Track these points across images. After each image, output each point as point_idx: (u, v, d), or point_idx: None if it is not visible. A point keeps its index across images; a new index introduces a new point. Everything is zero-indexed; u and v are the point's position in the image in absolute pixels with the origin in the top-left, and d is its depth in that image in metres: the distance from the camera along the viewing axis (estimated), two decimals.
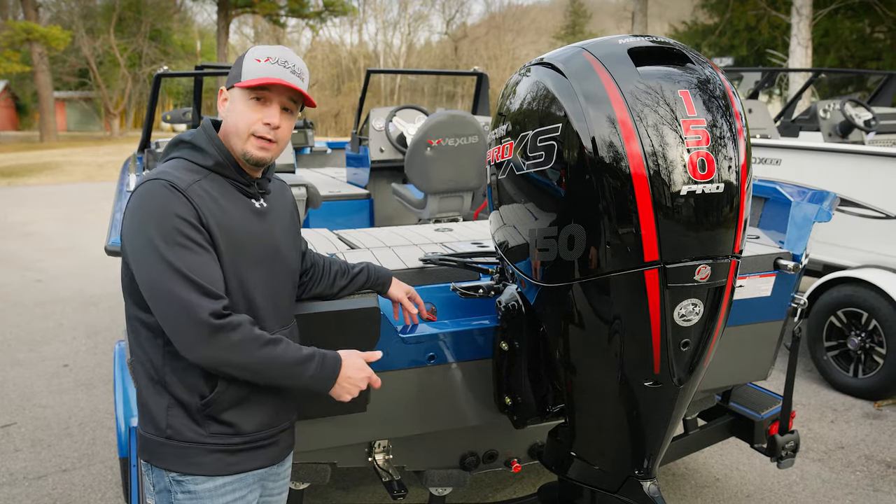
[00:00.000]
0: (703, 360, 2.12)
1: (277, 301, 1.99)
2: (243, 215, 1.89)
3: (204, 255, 1.76)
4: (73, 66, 38.35)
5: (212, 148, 1.90)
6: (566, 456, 2.34)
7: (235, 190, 1.91)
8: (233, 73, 1.92)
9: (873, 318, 4.99)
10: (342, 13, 40.37)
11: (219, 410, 1.86)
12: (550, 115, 2.06)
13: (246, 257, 1.87)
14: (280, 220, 2.03)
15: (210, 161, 1.89)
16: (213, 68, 6.35)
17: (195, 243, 1.75)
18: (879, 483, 3.96)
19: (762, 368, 3.23)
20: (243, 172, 1.92)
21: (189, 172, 1.85)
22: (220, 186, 1.88)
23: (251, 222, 1.91)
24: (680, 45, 2.10)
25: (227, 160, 1.90)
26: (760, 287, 2.99)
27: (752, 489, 3.87)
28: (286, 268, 2.03)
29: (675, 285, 1.98)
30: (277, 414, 1.99)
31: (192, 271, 1.72)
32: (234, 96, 1.90)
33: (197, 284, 1.72)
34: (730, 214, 2.01)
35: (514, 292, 2.40)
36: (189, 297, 1.71)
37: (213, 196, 1.83)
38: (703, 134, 1.94)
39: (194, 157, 1.90)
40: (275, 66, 1.88)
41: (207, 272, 1.75)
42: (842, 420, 4.78)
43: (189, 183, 1.80)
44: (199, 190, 1.81)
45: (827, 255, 5.49)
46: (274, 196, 2.04)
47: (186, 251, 1.73)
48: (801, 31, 14.66)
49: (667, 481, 3.94)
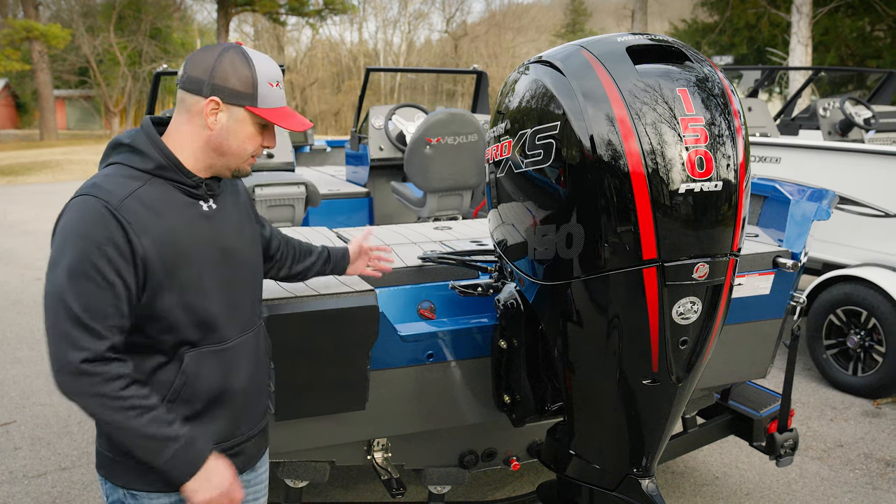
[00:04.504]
0: (701, 359, 2.13)
1: (237, 305, 1.90)
2: (189, 221, 1.79)
3: (107, 291, 1.64)
4: (73, 64, 38.30)
5: (153, 150, 1.77)
6: (565, 454, 2.34)
7: (181, 194, 1.80)
8: (238, 88, 1.76)
9: (873, 317, 4.98)
10: (342, 11, 40.32)
11: None
12: (549, 113, 2.06)
13: (194, 267, 1.77)
14: (232, 219, 1.92)
15: (151, 164, 1.76)
16: None
17: (103, 278, 1.64)
18: (878, 481, 3.96)
19: (761, 367, 3.23)
20: (189, 174, 1.80)
21: (128, 180, 1.73)
22: (164, 192, 1.77)
23: (199, 228, 1.81)
24: (679, 43, 2.10)
25: (170, 163, 1.78)
26: (759, 285, 2.99)
27: (751, 487, 3.87)
28: (244, 268, 1.94)
29: (674, 283, 1.98)
30: (236, 426, 1.93)
31: (85, 308, 1.63)
32: (240, 117, 1.78)
33: (81, 323, 1.63)
34: (728, 212, 2.01)
35: (513, 290, 2.40)
36: (70, 332, 1.63)
37: (152, 206, 1.72)
38: (701, 132, 1.94)
39: (134, 161, 1.77)
40: (281, 92, 1.83)
41: (102, 310, 1.64)
42: (841, 418, 4.78)
43: (124, 196, 1.69)
44: (136, 203, 1.70)
45: (826, 253, 5.49)
46: (224, 195, 1.93)
47: (90, 284, 1.63)
48: (801, 29, 14.65)
49: (666, 479, 3.94)
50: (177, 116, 1.81)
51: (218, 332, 1.84)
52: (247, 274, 1.95)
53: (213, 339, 1.84)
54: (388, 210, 6.04)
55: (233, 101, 1.77)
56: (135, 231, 1.67)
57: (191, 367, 1.80)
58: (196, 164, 1.81)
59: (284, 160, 5.45)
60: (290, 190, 4.52)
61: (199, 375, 1.82)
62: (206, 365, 1.83)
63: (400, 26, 48.65)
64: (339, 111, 40.98)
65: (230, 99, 1.76)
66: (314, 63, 46.66)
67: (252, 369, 1.95)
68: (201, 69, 1.77)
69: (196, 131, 1.79)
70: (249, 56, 1.78)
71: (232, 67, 1.76)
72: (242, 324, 1.92)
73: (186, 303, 1.77)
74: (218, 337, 1.84)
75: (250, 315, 1.96)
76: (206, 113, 1.77)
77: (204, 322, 1.81)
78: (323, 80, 45.33)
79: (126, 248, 1.66)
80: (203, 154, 1.81)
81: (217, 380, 1.85)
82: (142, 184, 1.74)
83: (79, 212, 1.68)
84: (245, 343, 1.93)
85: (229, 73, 1.76)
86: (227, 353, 1.87)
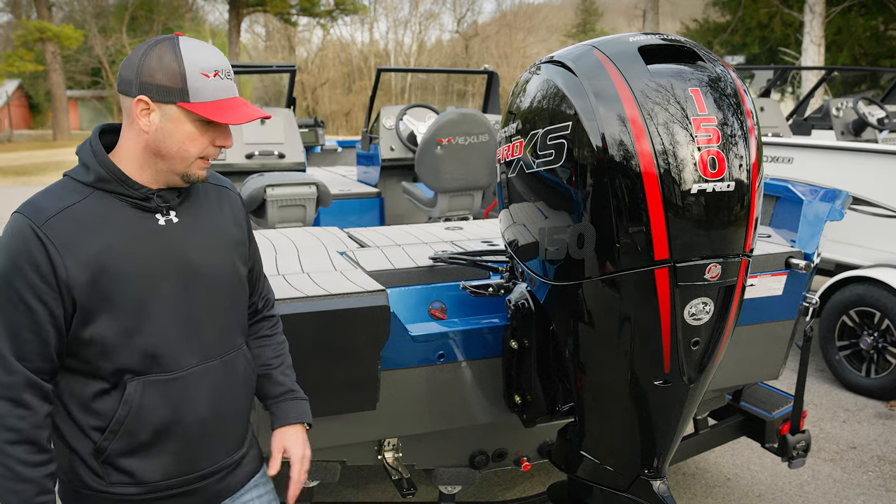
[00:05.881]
0: (713, 360, 2.11)
1: (196, 329, 1.72)
2: (136, 237, 1.64)
3: (26, 317, 1.56)
4: (85, 64, 38.57)
5: (93, 162, 1.64)
6: (576, 455, 2.33)
7: (130, 207, 1.65)
8: (165, 82, 1.59)
9: (886, 318, 4.95)
10: (353, 12, 40.45)
11: (114, 457, 1.67)
12: (560, 113, 2.06)
13: (136, 288, 1.62)
14: (201, 232, 1.75)
15: (91, 177, 1.63)
16: None
17: (23, 302, 1.55)
18: (892, 483, 3.93)
19: (773, 368, 3.21)
20: (136, 186, 1.65)
21: (67, 194, 1.62)
22: (107, 206, 1.63)
23: (149, 243, 1.65)
24: (691, 42, 2.09)
25: (111, 175, 1.63)
26: (772, 286, 2.97)
27: (763, 489, 3.86)
28: (209, 287, 1.74)
29: (686, 284, 1.97)
30: (191, 462, 1.76)
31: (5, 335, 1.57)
32: (172, 114, 1.61)
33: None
34: (741, 213, 2.00)
35: (524, 291, 2.40)
36: None
37: (87, 223, 1.59)
38: (713, 132, 1.93)
39: (78, 173, 1.66)
40: (224, 83, 1.63)
41: (20, 337, 1.57)
42: (854, 420, 4.75)
43: (52, 214, 1.58)
44: (65, 221, 1.58)
45: (839, 254, 5.46)
46: (200, 205, 1.78)
47: (9, 308, 1.56)
48: (813, 28, 14.56)
49: (677, 480, 3.92)
50: (123, 122, 1.68)
51: (167, 360, 1.68)
52: (213, 294, 1.76)
53: (160, 368, 1.67)
54: (399, 210, 6.05)
55: (161, 98, 1.60)
56: (59, 252, 1.56)
57: (133, 397, 1.65)
58: (143, 174, 1.66)
59: (296, 160, 5.47)
60: (301, 190, 4.53)
61: (144, 406, 1.66)
62: (153, 395, 1.67)
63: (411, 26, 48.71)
64: (350, 111, 41.04)
65: (158, 96, 1.60)
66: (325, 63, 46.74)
67: (216, 399, 1.77)
68: (129, 67, 1.61)
69: (134, 136, 1.65)
70: (180, 46, 1.61)
71: (158, 62, 1.59)
72: (204, 350, 1.74)
73: (126, 328, 1.63)
74: (167, 365, 1.68)
75: (217, 340, 1.77)
76: (137, 115, 1.61)
77: (148, 349, 1.65)
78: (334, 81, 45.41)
79: (48, 270, 1.55)
80: (145, 161, 1.66)
81: (165, 411, 1.69)
82: (81, 198, 1.62)
83: (6, 230, 1.60)
84: (206, 371, 1.74)
85: (155, 67, 1.59)
86: (178, 382, 1.70)
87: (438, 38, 51.46)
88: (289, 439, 1.96)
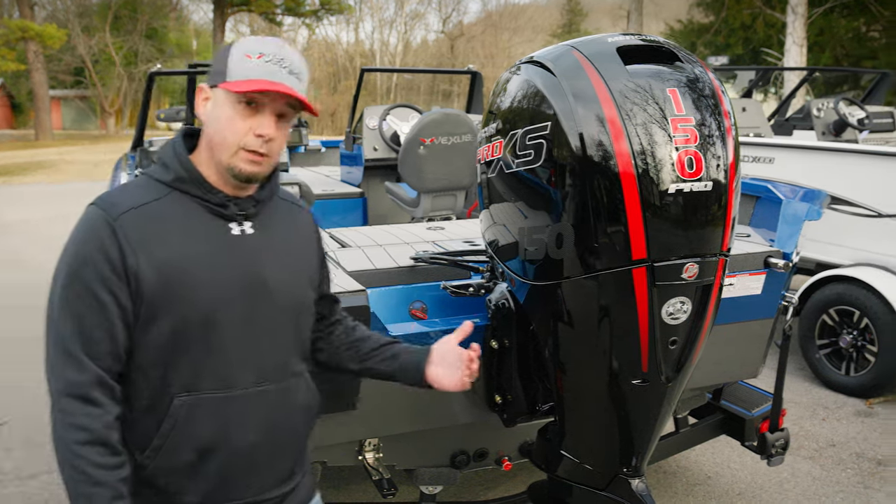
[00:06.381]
0: (691, 359, 2.13)
1: (257, 348, 1.64)
2: (206, 242, 1.58)
3: (97, 313, 1.50)
4: (68, 64, 38.27)
5: (174, 160, 1.61)
6: (555, 454, 2.34)
7: (207, 212, 1.60)
8: (216, 67, 1.59)
9: (865, 317, 4.99)
10: (338, 12, 40.35)
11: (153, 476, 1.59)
12: (540, 113, 2.06)
13: (204, 297, 1.55)
14: (274, 249, 1.68)
15: (170, 176, 1.60)
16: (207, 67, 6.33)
17: (94, 296, 1.50)
18: (870, 481, 3.97)
19: (753, 366, 3.24)
20: (213, 190, 1.60)
21: (145, 192, 1.58)
22: (183, 207, 1.59)
23: (221, 252, 1.59)
24: (669, 43, 2.10)
25: (190, 175, 1.59)
26: (751, 285, 2.99)
27: (743, 487, 3.88)
28: (277, 307, 1.67)
29: (663, 283, 1.98)
30: (228, 490, 1.65)
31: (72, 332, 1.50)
32: (219, 98, 1.58)
33: (66, 349, 1.50)
34: (718, 212, 2.01)
35: (505, 291, 2.40)
36: (55, 359, 1.51)
37: (162, 223, 1.55)
38: (691, 132, 1.94)
39: (157, 172, 1.62)
40: (269, 66, 1.57)
41: (90, 334, 1.50)
42: (833, 418, 4.79)
43: (128, 208, 1.54)
44: (141, 217, 1.54)
45: (819, 253, 5.50)
46: (273, 219, 1.72)
47: (80, 303, 1.50)
48: (796, 29, 14.69)
49: (658, 479, 3.94)
50: None
51: (221, 377, 1.59)
52: (282, 313, 1.69)
53: (214, 384, 1.58)
54: (383, 210, 6.04)
55: (211, 82, 1.59)
56: (132, 245, 1.51)
57: (180, 412, 1.56)
58: (217, 177, 1.61)
59: (279, 160, 5.44)
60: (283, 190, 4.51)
61: (191, 423, 1.57)
62: (201, 412, 1.58)
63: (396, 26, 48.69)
64: (336, 111, 40.94)
65: (210, 81, 1.60)
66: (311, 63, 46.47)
67: (269, 425, 1.67)
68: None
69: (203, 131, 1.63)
70: (248, 38, 1.63)
71: (221, 50, 1.62)
72: (261, 371, 1.65)
73: (186, 337, 1.55)
74: (221, 382, 1.59)
75: (276, 363, 1.68)
76: (200, 104, 1.62)
77: (204, 362, 1.57)
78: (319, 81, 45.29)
79: (119, 261, 1.50)
80: (209, 158, 1.61)
81: (213, 431, 1.59)
82: (161, 196, 1.58)
83: (80, 222, 1.56)
84: (261, 395, 1.64)
85: (216, 56, 1.61)
86: (230, 401, 1.60)
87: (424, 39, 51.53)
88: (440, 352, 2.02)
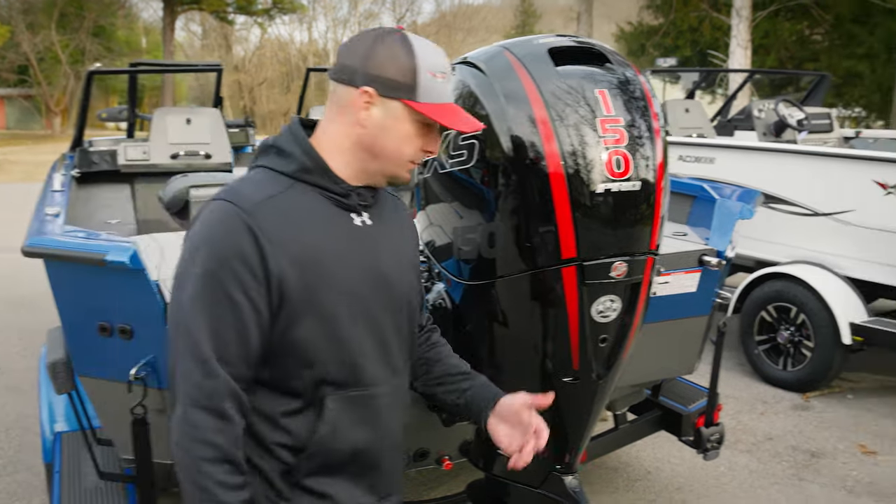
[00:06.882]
0: (621, 356, 2.16)
1: (386, 344, 1.60)
2: (335, 234, 1.54)
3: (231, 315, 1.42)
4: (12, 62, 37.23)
5: (296, 149, 1.54)
6: (491, 453, 2.35)
7: (329, 203, 1.55)
8: (396, 78, 1.51)
9: (802, 313, 5.13)
10: (291, 11, 40.06)
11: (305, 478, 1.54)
12: (473, 113, 2.07)
13: (340, 290, 1.51)
14: (390, 241, 1.65)
15: (293, 166, 1.53)
16: (149, 65, 6.24)
17: (229, 298, 1.42)
18: (804, 472, 4.08)
19: (688, 363, 3.30)
20: (337, 180, 1.55)
21: (269, 184, 1.51)
22: (309, 199, 1.53)
23: (347, 244, 1.55)
24: (600, 45, 2.14)
25: (315, 165, 1.53)
26: (685, 283, 3.04)
27: (682, 481, 3.96)
28: (397, 301, 1.63)
29: (592, 282, 2.01)
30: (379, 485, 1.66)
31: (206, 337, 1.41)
32: (396, 112, 1.52)
33: (198, 356, 1.41)
34: (647, 211, 2.05)
35: (441, 291, 2.41)
36: (184, 367, 1.42)
37: (292, 215, 1.49)
38: (620, 133, 1.97)
39: (277, 163, 1.55)
40: (448, 86, 1.56)
41: (223, 338, 1.42)
42: (771, 412, 4.91)
43: (259, 200, 1.47)
44: (273, 210, 1.47)
45: (759, 251, 5.62)
46: (384, 211, 1.67)
47: (213, 307, 1.42)
48: (740, 32, 14.99)
49: (599, 475, 3.99)
50: (327, 113, 1.59)
51: (366, 374, 1.56)
52: (401, 308, 1.65)
53: (359, 382, 1.55)
54: None
55: (389, 93, 1.51)
56: (270, 242, 1.43)
57: (333, 414, 1.52)
58: (346, 169, 1.56)
59: (222, 161, 5.39)
60: None
61: (344, 422, 1.54)
62: (352, 411, 1.55)
63: (350, 26, 48.48)
64: (289, 111, 40.60)
65: (386, 90, 1.51)
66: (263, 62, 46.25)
67: (398, 424, 1.68)
68: (355, 56, 1.53)
69: (346, 129, 1.55)
70: (411, 41, 1.53)
71: (390, 54, 1.51)
72: (393, 368, 1.62)
73: (331, 332, 1.50)
74: (366, 380, 1.56)
75: (401, 358, 1.67)
76: (359, 106, 1.52)
77: (352, 358, 1.53)
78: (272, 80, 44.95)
79: (257, 262, 1.42)
80: (353, 156, 1.56)
81: (363, 430, 1.57)
82: (284, 188, 1.52)
83: (208, 219, 1.47)
84: (395, 392, 1.64)
85: (386, 60, 1.51)
86: (375, 400, 1.58)
87: None
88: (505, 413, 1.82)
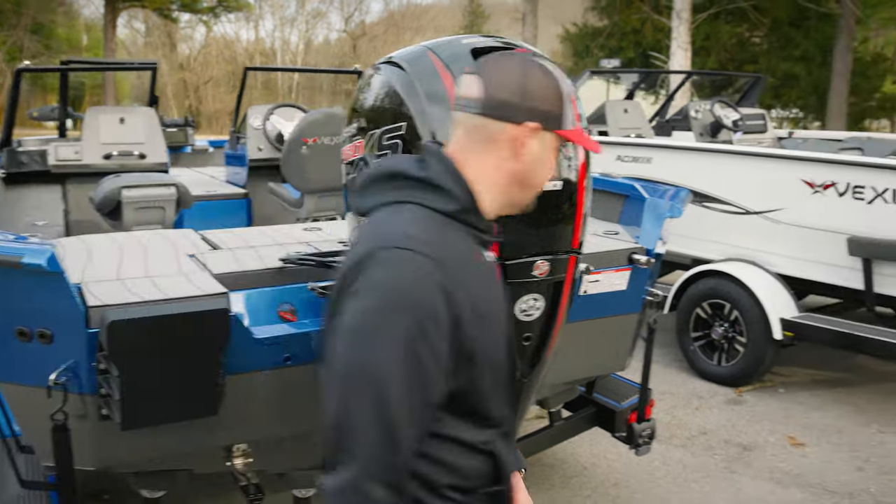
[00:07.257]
0: (545, 354, 2.18)
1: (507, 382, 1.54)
2: (486, 276, 1.48)
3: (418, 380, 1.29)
4: None
5: (456, 187, 1.43)
6: None
7: (472, 240, 1.46)
8: (549, 109, 1.46)
9: (735, 309, 5.25)
10: (237, 9, 39.41)
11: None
12: (396, 113, 2.09)
13: (494, 329, 1.45)
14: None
15: (454, 206, 1.42)
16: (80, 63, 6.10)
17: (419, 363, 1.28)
18: (735, 465, 4.17)
19: (620, 360, 3.34)
20: (482, 217, 1.48)
21: (434, 225, 1.40)
22: (463, 241, 1.43)
23: (490, 283, 1.49)
24: (524, 45, 2.15)
25: (472, 204, 1.44)
26: (615, 281, 3.08)
27: (618, 477, 4.01)
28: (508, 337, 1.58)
29: (515, 281, 2.03)
30: None
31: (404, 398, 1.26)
32: (549, 143, 1.48)
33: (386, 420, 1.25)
34: (569, 211, 2.07)
35: None
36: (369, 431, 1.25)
37: (462, 259, 1.40)
38: None
39: (433, 201, 1.42)
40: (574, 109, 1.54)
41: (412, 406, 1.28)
42: (706, 407, 5.01)
43: (441, 250, 1.34)
44: (451, 257, 1.36)
45: (695, 249, 5.74)
46: None
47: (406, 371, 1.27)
48: (680, 34, 15.26)
49: (535, 472, 4.03)
50: (465, 145, 1.46)
51: (504, 415, 1.50)
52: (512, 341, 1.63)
53: (507, 421, 1.51)
54: (268, 211, 5.95)
55: (549, 125, 1.46)
56: (455, 295, 1.32)
57: (502, 451, 1.47)
58: (490, 205, 1.48)
59: (157, 161, 5.29)
60: (159, 191, 4.39)
61: (505, 463, 1.48)
62: (507, 450, 1.50)
63: (297, 25, 48.04)
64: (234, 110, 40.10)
65: (548, 124, 1.46)
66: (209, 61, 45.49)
67: None
68: (509, 90, 1.43)
69: (499, 164, 1.45)
70: (551, 69, 1.49)
71: (542, 85, 1.46)
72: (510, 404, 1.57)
73: (498, 381, 1.46)
74: (505, 420, 1.51)
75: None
76: (520, 142, 1.44)
77: (505, 396, 1.50)
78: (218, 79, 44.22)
79: (445, 320, 1.31)
80: (502, 191, 1.48)
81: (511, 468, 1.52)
82: (445, 231, 1.42)
83: (396, 270, 1.31)
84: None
85: (540, 91, 1.45)
86: (510, 438, 1.55)
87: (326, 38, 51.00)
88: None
